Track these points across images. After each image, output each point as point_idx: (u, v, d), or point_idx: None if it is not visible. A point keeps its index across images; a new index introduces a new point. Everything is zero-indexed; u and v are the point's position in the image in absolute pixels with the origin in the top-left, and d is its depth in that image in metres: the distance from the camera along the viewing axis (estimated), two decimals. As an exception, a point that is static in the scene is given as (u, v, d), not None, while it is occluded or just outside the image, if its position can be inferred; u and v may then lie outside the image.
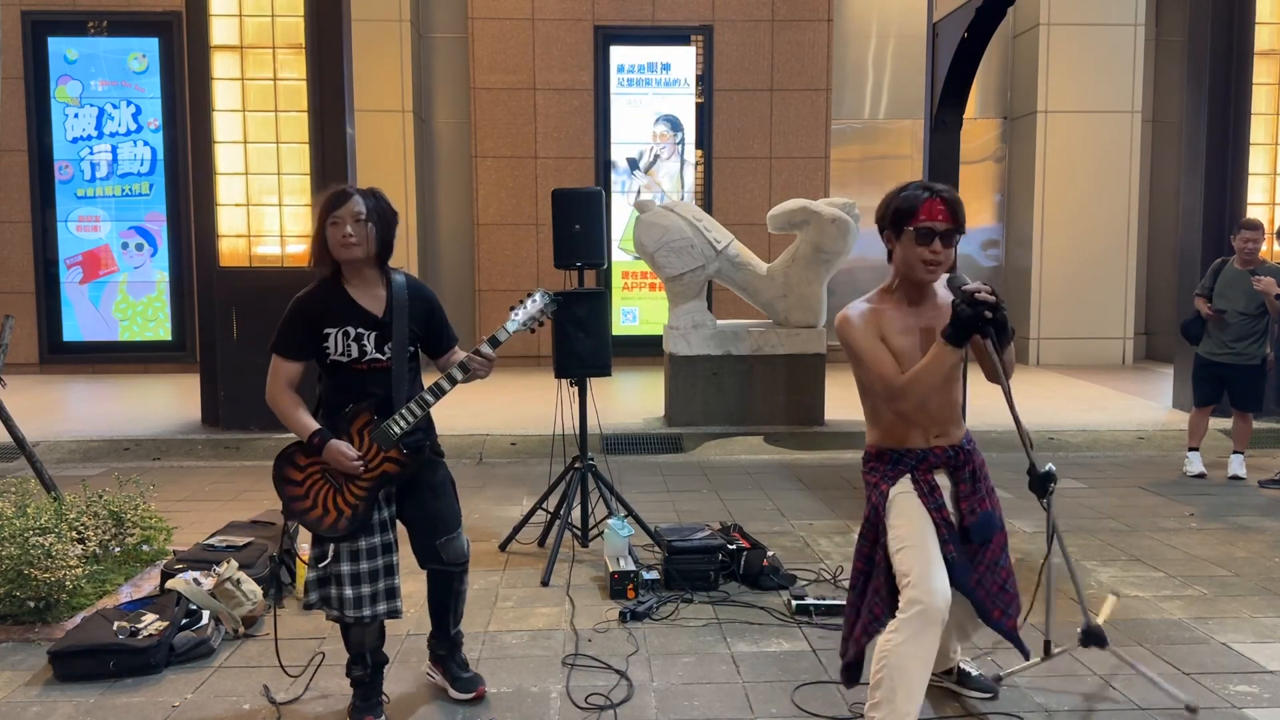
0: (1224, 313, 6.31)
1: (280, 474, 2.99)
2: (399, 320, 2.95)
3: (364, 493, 2.91)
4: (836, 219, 7.59)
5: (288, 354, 2.98)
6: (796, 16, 12.10)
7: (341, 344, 2.93)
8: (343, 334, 2.92)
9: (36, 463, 4.70)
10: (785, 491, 6.15)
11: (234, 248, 7.82)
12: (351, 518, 2.90)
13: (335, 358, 2.94)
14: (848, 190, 12.05)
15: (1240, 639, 3.72)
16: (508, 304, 3.42)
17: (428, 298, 3.09)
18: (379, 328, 2.94)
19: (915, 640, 2.62)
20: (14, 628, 3.75)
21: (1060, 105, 12.05)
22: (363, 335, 2.93)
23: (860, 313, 2.77)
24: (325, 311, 2.94)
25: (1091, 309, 12.24)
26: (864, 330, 2.73)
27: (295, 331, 2.97)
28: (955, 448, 2.82)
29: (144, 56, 11.46)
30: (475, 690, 3.20)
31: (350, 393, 2.95)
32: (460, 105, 12.25)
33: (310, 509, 2.93)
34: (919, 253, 2.67)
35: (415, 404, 2.91)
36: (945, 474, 2.81)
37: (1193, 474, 6.52)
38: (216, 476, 6.65)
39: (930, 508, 2.74)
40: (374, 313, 2.95)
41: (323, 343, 2.94)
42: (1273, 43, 8.45)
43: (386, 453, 2.91)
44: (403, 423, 2.90)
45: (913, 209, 2.69)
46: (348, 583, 2.91)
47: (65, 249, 11.51)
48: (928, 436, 2.80)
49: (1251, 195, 8.47)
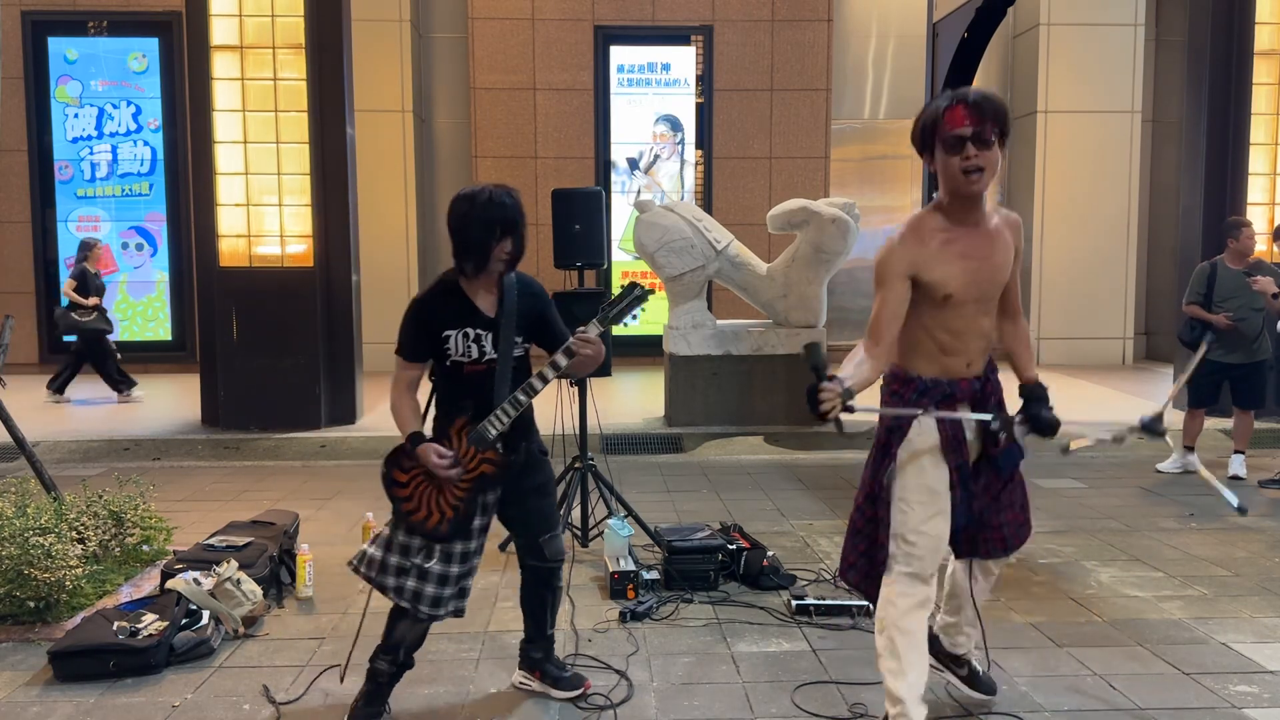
0: (1241, 320, 6.29)
1: (388, 475, 2.99)
2: (507, 320, 2.96)
3: (464, 494, 2.92)
4: (836, 219, 7.59)
5: (409, 357, 3.01)
6: (796, 16, 12.10)
7: (461, 345, 2.95)
8: (462, 335, 2.95)
9: (36, 463, 4.70)
10: (785, 491, 6.15)
11: (234, 248, 7.82)
12: (454, 520, 2.92)
13: (456, 358, 2.96)
14: (848, 190, 12.05)
15: (1240, 639, 3.72)
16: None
17: (537, 293, 3.07)
18: (493, 328, 2.96)
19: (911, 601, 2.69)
20: (14, 628, 3.75)
21: (1060, 105, 12.05)
22: (481, 336, 2.95)
23: (904, 240, 2.64)
24: (444, 314, 2.96)
25: (1091, 309, 12.24)
26: (897, 262, 2.62)
27: (416, 335, 2.98)
28: (980, 380, 2.77)
29: (144, 56, 11.46)
30: (581, 686, 3.22)
31: (461, 392, 2.97)
32: (460, 105, 12.25)
33: (415, 510, 2.94)
34: (954, 163, 2.55)
35: (509, 404, 2.92)
36: (968, 408, 2.75)
37: (1165, 469, 6.63)
38: (216, 476, 6.65)
39: (949, 451, 2.69)
40: (488, 313, 2.97)
41: (443, 344, 2.95)
42: (1273, 43, 8.44)
43: (483, 454, 2.91)
44: (497, 424, 2.91)
45: (935, 121, 2.57)
46: (433, 581, 2.93)
47: (65, 249, 11.50)
48: (959, 366, 2.73)
49: (1251, 195, 8.47)
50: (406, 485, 2.96)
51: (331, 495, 6.07)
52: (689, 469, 6.84)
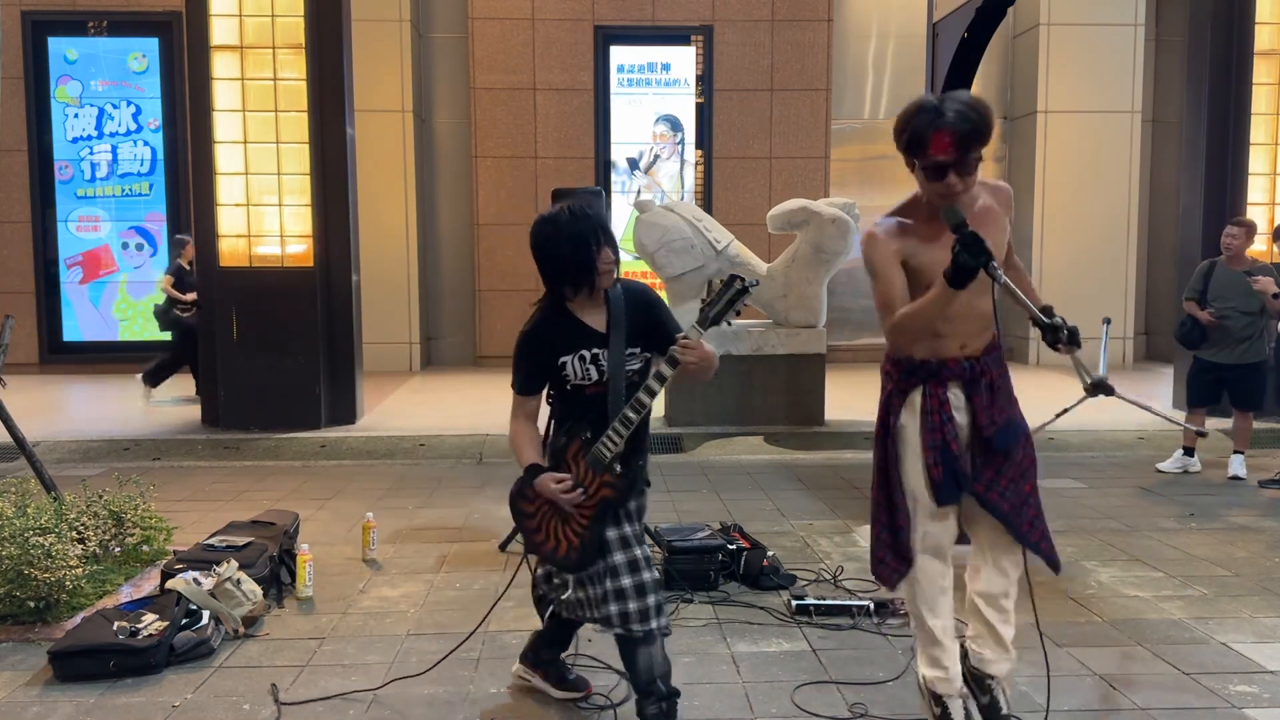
0: (1226, 318, 6.32)
1: (516, 507, 2.94)
2: (616, 333, 2.82)
3: (588, 521, 2.81)
4: (836, 219, 7.59)
5: (524, 391, 2.93)
6: (796, 16, 12.10)
7: (579, 369, 2.83)
8: (578, 359, 2.83)
9: (36, 463, 4.70)
10: (785, 491, 6.15)
11: (234, 248, 7.82)
12: (580, 548, 2.81)
13: (576, 383, 2.85)
14: (848, 190, 12.05)
15: (1240, 639, 3.71)
16: (508, 304, 3.37)
17: (646, 299, 2.91)
18: (605, 344, 2.83)
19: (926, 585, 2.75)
20: (14, 628, 3.75)
21: (1060, 105, 12.05)
22: (599, 356, 2.82)
23: (887, 230, 2.65)
24: (556, 340, 2.84)
25: (1092, 309, 12.21)
26: (885, 251, 2.62)
27: (530, 368, 2.90)
28: (972, 360, 2.71)
29: (144, 56, 11.46)
30: (584, 690, 3.18)
31: (580, 414, 2.86)
32: (460, 105, 12.25)
33: (545, 541, 2.88)
34: (933, 188, 2.54)
35: (620, 422, 2.74)
36: (959, 387, 2.71)
37: (1165, 468, 6.62)
38: (216, 476, 6.65)
39: (927, 429, 2.68)
40: (600, 330, 2.84)
41: (560, 371, 2.84)
42: (1273, 43, 8.45)
43: (601, 477, 2.79)
44: (611, 445, 2.77)
45: (919, 143, 2.52)
46: (633, 596, 2.78)
47: (65, 249, 11.51)
48: (952, 347, 2.70)
49: (1251, 195, 8.47)
50: (534, 516, 2.89)
51: (331, 495, 6.07)
52: (689, 469, 6.84)
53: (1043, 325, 2.56)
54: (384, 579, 4.46)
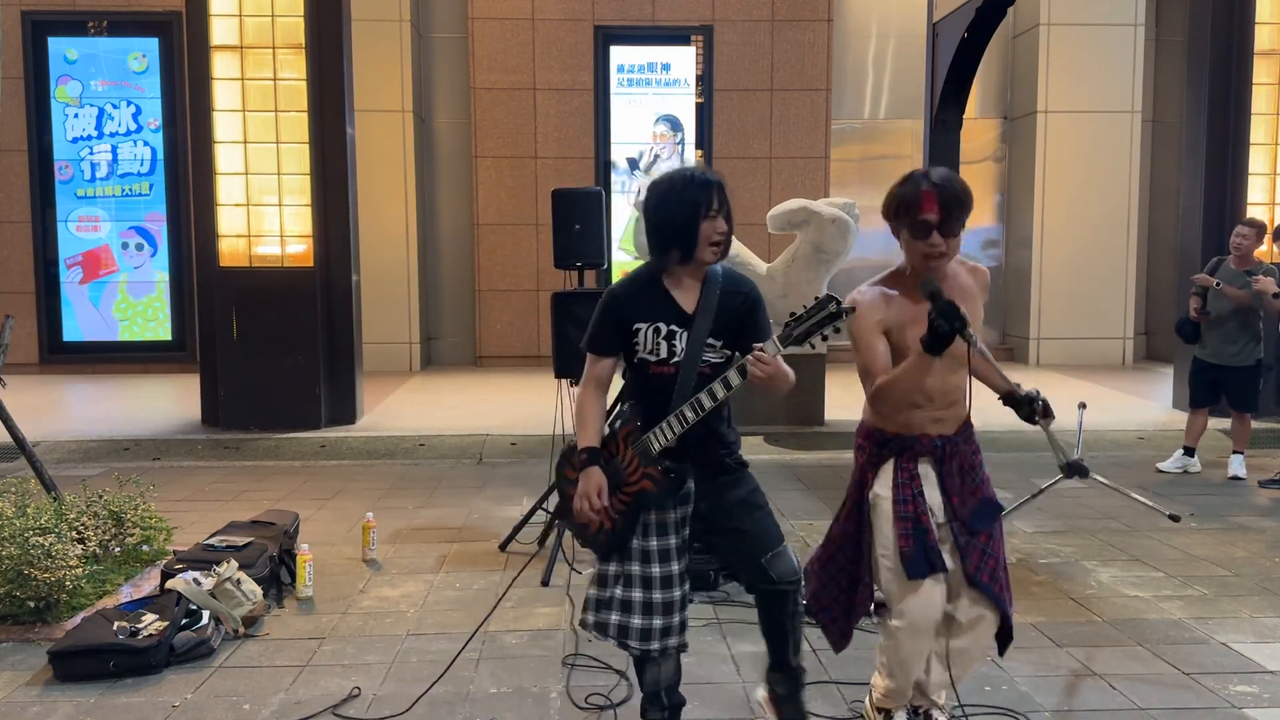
0: (1208, 314, 6.35)
1: (561, 471, 2.82)
2: (702, 318, 2.64)
3: (624, 507, 2.67)
4: (836, 219, 7.59)
5: (594, 349, 2.75)
6: (796, 16, 12.10)
7: (651, 341, 2.65)
8: (653, 330, 2.65)
9: (36, 463, 4.70)
10: (785, 491, 6.15)
11: (234, 248, 7.82)
12: (612, 531, 2.68)
13: (643, 355, 2.67)
14: (848, 190, 12.04)
15: (1240, 639, 3.72)
16: (507, 304, 3.35)
17: (746, 291, 2.72)
18: (686, 325, 2.66)
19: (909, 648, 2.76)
20: (14, 628, 3.75)
21: (1060, 105, 12.05)
22: (675, 334, 2.65)
23: (871, 300, 2.71)
24: (638, 303, 2.68)
25: (1091, 309, 12.23)
26: (867, 320, 2.68)
27: (603, 325, 2.72)
28: (944, 439, 2.75)
29: (144, 56, 11.46)
30: None
31: (643, 394, 2.72)
32: (460, 105, 12.25)
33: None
34: (918, 246, 2.65)
35: (676, 418, 2.59)
36: (930, 463, 2.75)
37: (1165, 468, 6.62)
38: (216, 476, 6.65)
39: (898, 500, 2.72)
40: (686, 308, 2.67)
41: (632, 338, 2.68)
42: (1273, 43, 8.44)
43: (645, 468, 2.65)
44: (662, 438, 2.62)
45: (909, 203, 2.66)
46: (639, 611, 2.69)
47: (65, 249, 11.50)
48: (924, 421, 2.74)
49: (1251, 195, 8.47)
50: (576, 483, 2.73)
51: (331, 495, 6.07)
52: (689, 469, 6.83)
53: (1018, 398, 2.66)
54: (384, 579, 4.46)
